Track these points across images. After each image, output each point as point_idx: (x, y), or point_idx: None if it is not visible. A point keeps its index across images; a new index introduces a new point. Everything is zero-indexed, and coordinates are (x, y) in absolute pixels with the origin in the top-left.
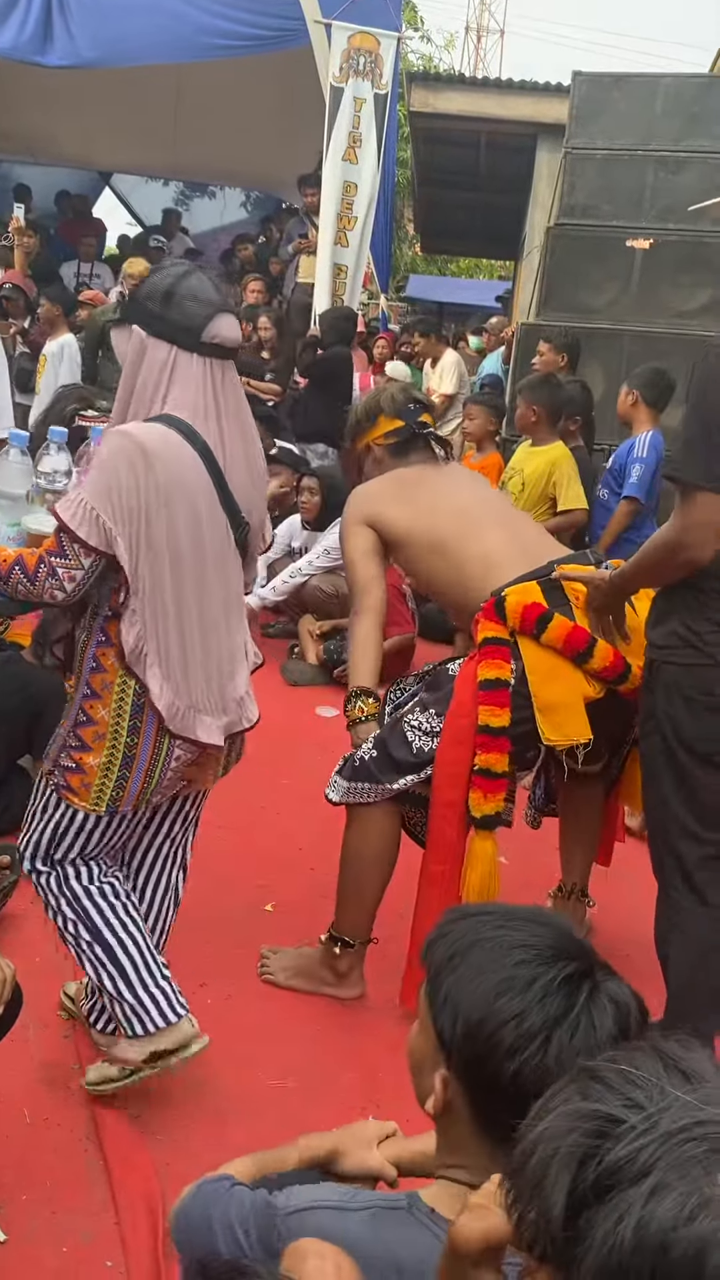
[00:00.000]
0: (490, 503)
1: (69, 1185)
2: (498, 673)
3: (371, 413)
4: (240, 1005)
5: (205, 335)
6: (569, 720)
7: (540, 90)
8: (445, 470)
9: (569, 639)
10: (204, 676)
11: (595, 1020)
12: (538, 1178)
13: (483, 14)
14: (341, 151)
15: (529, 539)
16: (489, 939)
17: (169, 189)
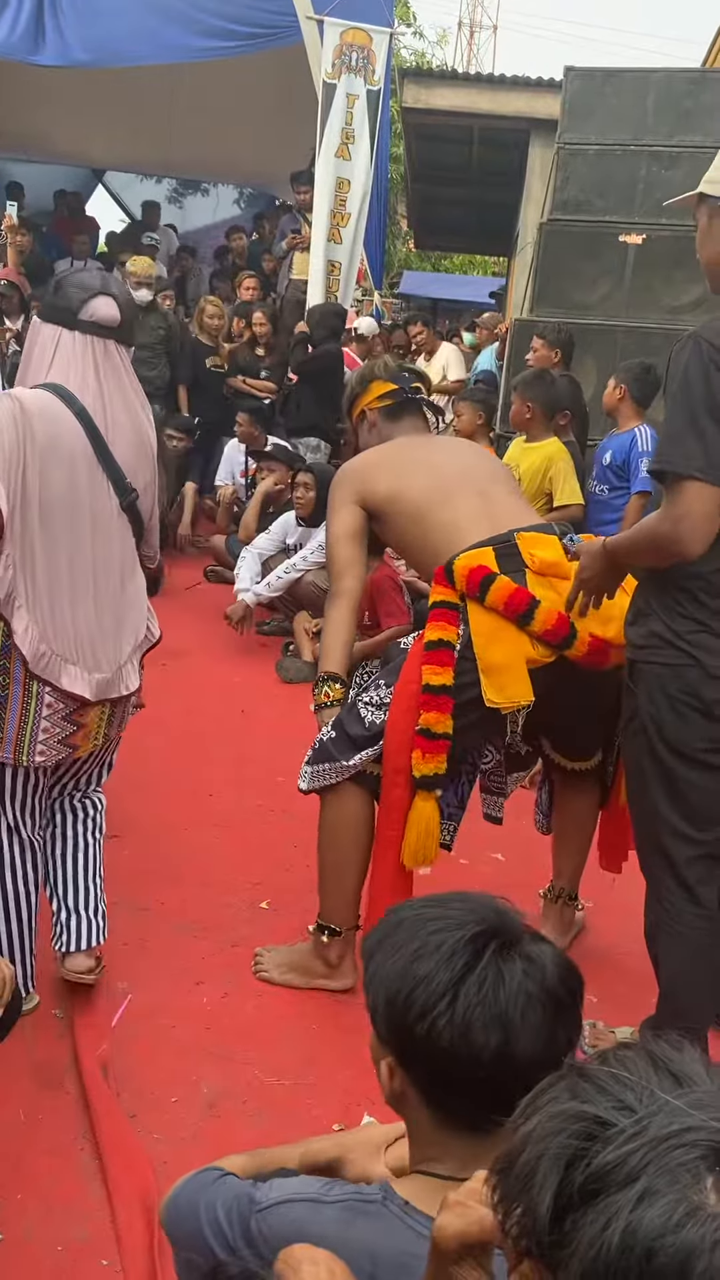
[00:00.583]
0: (471, 470)
1: (64, 1185)
2: (442, 634)
3: (365, 378)
4: (236, 1003)
5: (83, 314)
6: (511, 682)
7: (533, 85)
8: (434, 438)
9: (510, 600)
10: (73, 629)
11: (504, 973)
12: (525, 1177)
13: (475, 9)
14: (334, 148)
15: (502, 508)
16: (410, 918)
17: (162, 186)
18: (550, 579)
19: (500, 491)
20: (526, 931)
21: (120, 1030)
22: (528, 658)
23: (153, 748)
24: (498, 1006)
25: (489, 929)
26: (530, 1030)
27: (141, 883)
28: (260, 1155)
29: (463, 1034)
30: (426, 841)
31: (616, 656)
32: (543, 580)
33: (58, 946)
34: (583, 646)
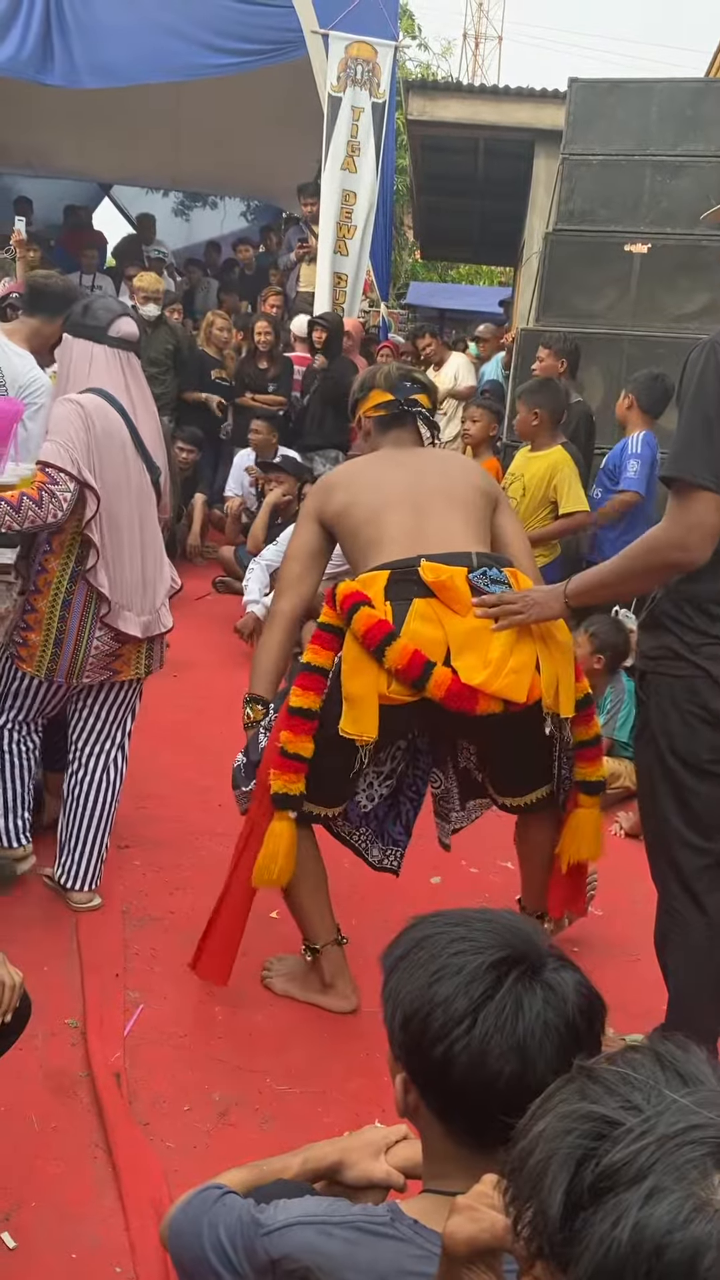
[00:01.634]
0: (418, 486)
1: (77, 1192)
2: (315, 658)
3: (366, 385)
4: (247, 1013)
5: (111, 331)
6: (362, 715)
7: (537, 97)
8: (415, 452)
9: (368, 631)
10: (130, 581)
11: (523, 1003)
12: (536, 1177)
13: (480, 20)
14: (340, 160)
15: (434, 528)
16: (433, 936)
17: (169, 199)
18: (439, 612)
19: (442, 510)
20: (551, 956)
21: (132, 1039)
22: (381, 693)
23: (162, 758)
24: (515, 1036)
25: (512, 955)
26: (547, 1059)
27: (152, 893)
28: (260, 1167)
29: (478, 1061)
30: (273, 862)
31: (487, 704)
32: (427, 613)
33: (62, 879)
34: (439, 689)
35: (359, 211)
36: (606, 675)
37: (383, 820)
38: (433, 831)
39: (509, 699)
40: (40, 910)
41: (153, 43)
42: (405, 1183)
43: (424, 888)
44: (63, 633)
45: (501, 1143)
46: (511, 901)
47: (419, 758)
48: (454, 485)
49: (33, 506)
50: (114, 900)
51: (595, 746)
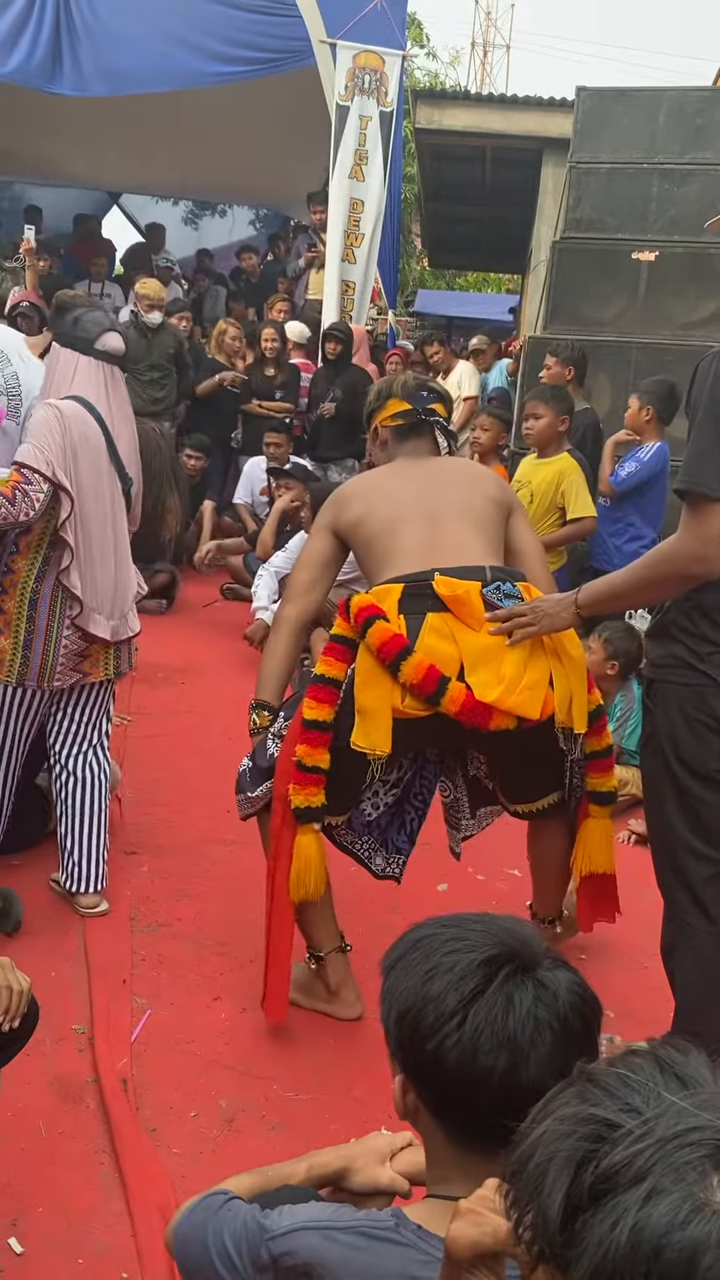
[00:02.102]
0: (432, 498)
1: (85, 1198)
2: (329, 670)
3: (382, 394)
4: (254, 1019)
5: (98, 344)
6: (374, 729)
7: (545, 105)
8: (431, 462)
9: (384, 645)
10: (100, 585)
11: (514, 999)
12: (536, 1180)
13: (488, 29)
14: (348, 169)
15: (448, 541)
16: (428, 938)
17: (178, 208)
18: (452, 627)
19: (456, 524)
20: (546, 956)
21: (139, 1045)
22: (395, 707)
23: (170, 765)
24: (506, 1031)
25: (504, 953)
26: (540, 1056)
27: (159, 899)
28: (265, 1173)
29: (470, 1056)
30: (307, 874)
31: (500, 720)
32: (441, 628)
33: (68, 885)
34: (453, 705)
35: (367, 220)
36: (619, 681)
37: (386, 828)
38: (440, 839)
39: (523, 716)
40: (47, 916)
41: (161, 51)
42: (410, 1189)
43: (430, 895)
44: (31, 634)
45: (501, 1145)
46: (518, 909)
47: (426, 767)
48: (469, 497)
49: (5, 505)
50: (121, 906)
51: (606, 757)
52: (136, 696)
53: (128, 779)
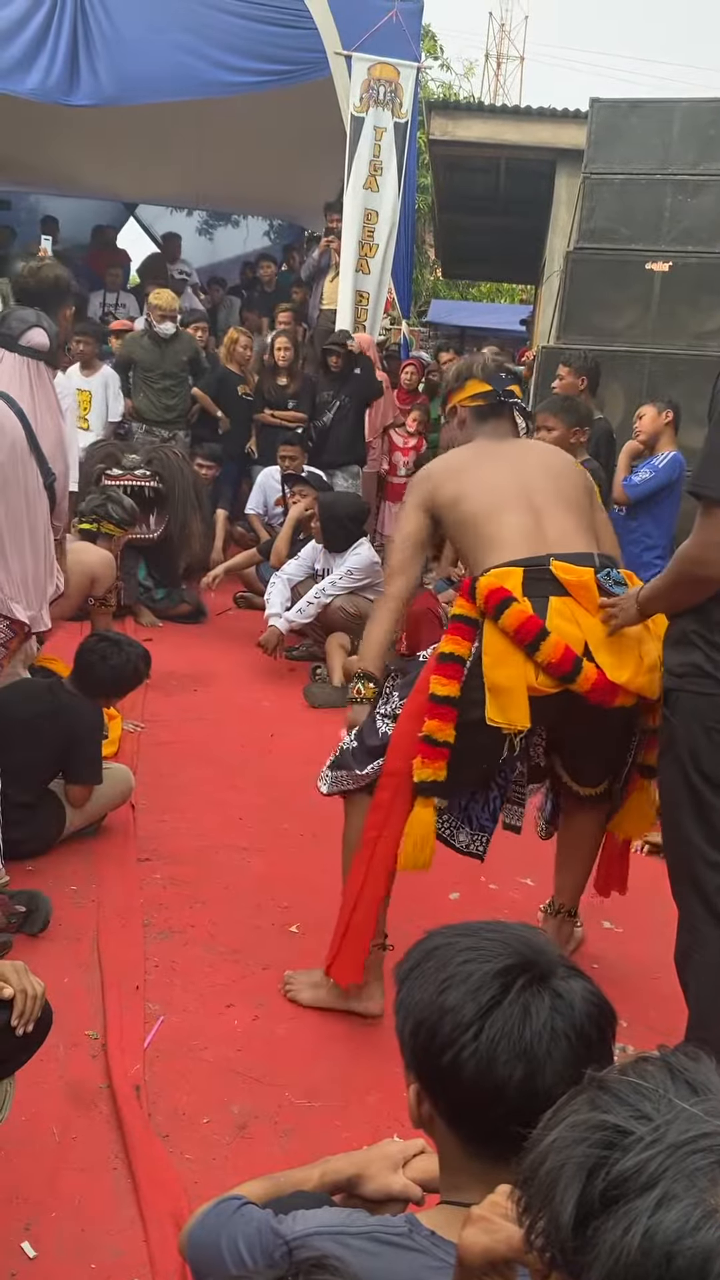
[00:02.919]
0: (531, 484)
1: (97, 1203)
2: (455, 648)
3: (462, 375)
4: (267, 1026)
5: (22, 341)
6: (511, 705)
7: (559, 116)
8: (515, 444)
9: (521, 628)
10: (19, 574)
11: (531, 1009)
12: (547, 1187)
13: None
14: (363, 180)
15: (554, 528)
16: (442, 947)
17: (193, 218)
18: (574, 610)
19: (556, 511)
20: (560, 965)
21: (152, 1051)
22: (530, 685)
23: (183, 772)
24: (523, 1042)
25: (520, 963)
26: (556, 1066)
27: (172, 906)
28: (278, 1179)
29: (486, 1067)
30: (422, 848)
31: (624, 699)
32: (564, 611)
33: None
34: (586, 683)
35: (381, 230)
36: None
37: (468, 805)
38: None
39: (645, 696)
40: (61, 921)
41: (177, 61)
42: (423, 1196)
43: (443, 903)
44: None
45: (515, 1153)
46: (531, 917)
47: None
48: (561, 485)
49: None
50: (134, 913)
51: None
52: (149, 704)
53: (140, 786)
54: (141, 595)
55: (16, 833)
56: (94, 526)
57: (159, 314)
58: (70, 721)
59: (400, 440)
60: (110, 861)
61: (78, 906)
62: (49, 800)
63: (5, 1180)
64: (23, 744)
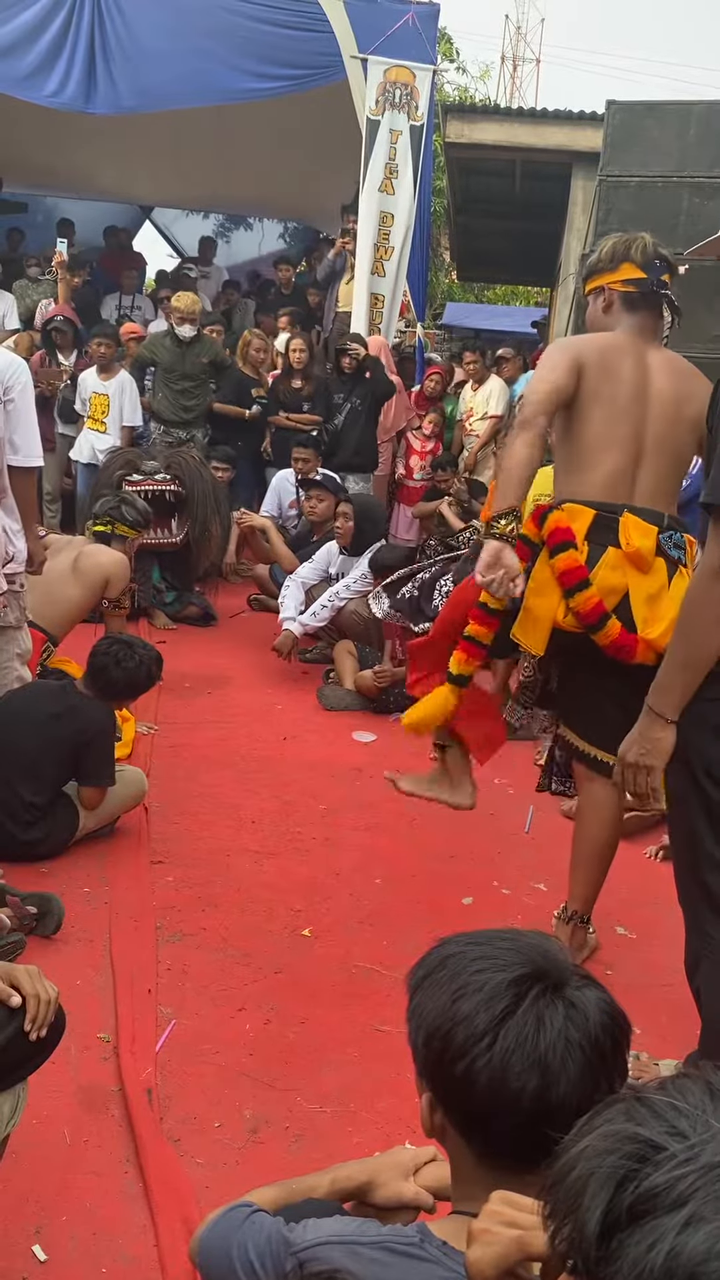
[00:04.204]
0: (648, 423)
1: (109, 1207)
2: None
3: (618, 256)
4: (278, 1030)
5: None
6: (533, 630)
7: (575, 119)
8: (656, 357)
9: (567, 573)
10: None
11: (545, 1019)
12: (575, 1194)
13: (518, 43)
14: (378, 183)
15: (643, 480)
16: (455, 955)
17: (209, 221)
18: (625, 564)
19: (656, 459)
20: (574, 975)
21: (164, 1055)
22: (556, 620)
23: (196, 775)
24: (537, 1052)
25: (534, 972)
26: (570, 1077)
27: (184, 909)
28: (289, 1185)
29: (500, 1077)
30: (433, 720)
31: (645, 655)
32: (618, 563)
33: None
34: (606, 638)
35: (396, 233)
36: None
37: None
38: (466, 851)
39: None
40: (74, 923)
41: (194, 67)
42: (435, 1204)
43: (455, 909)
44: None
45: (527, 1162)
46: (544, 923)
47: None
48: (676, 426)
49: None
50: (147, 915)
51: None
52: (163, 706)
53: (154, 789)
54: (153, 598)
55: (30, 834)
56: (108, 528)
57: (178, 316)
58: (82, 723)
59: (417, 444)
60: (123, 864)
61: (91, 909)
62: (62, 802)
63: (17, 1183)
64: (35, 745)
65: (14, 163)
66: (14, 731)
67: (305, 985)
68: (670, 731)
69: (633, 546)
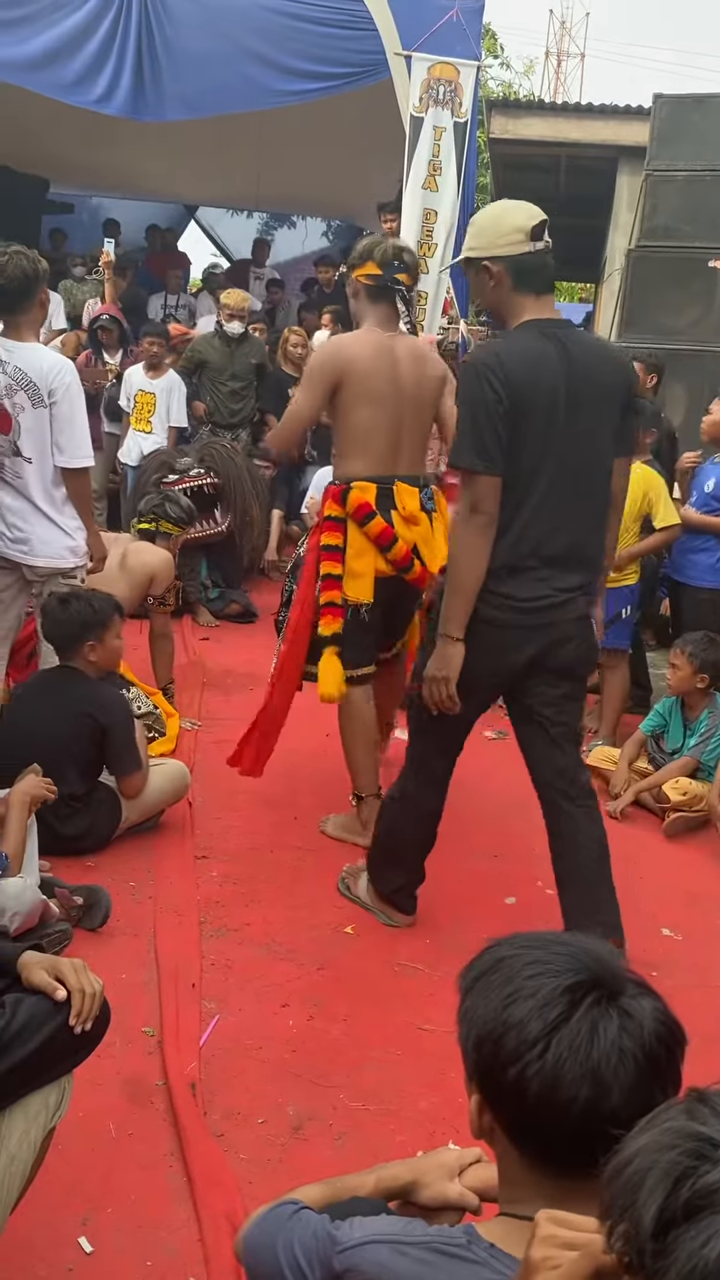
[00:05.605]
0: (402, 405)
1: (153, 1201)
2: (334, 540)
3: (365, 255)
4: (321, 1027)
5: None
6: (361, 585)
7: (620, 113)
8: (398, 342)
9: (380, 534)
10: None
11: (599, 1028)
12: (632, 1189)
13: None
14: (421, 180)
15: (405, 454)
16: (509, 959)
17: (253, 220)
18: (404, 521)
19: (410, 429)
20: (629, 983)
21: (208, 1049)
22: (378, 569)
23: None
24: (590, 1062)
25: (589, 979)
26: (623, 1086)
27: (228, 904)
28: (334, 1184)
29: (551, 1085)
30: (334, 683)
31: (428, 582)
32: (399, 523)
33: None
34: (414, 574)
35: (439, 230)
36: (707, 695)
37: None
38: (509, 850)
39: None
40: (120, 917)
41: (241, 73)
42: (480, 1205)
43: (498, 908)
44: None
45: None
46: None
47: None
48: (423, 394)
49: None
50: (191, 910)
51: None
52: (206, 702)
53: (197, 784)
54: (200, 594)
55: (71, 827)
56: (152, 526)
57: (228, 313)
58: (93, 705)
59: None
60: (168, 858)
61: (136, 902)
62: (101, 795)
63: (64, 1174)
64: (62, 734)
65: (61, 164)
66: (34, 724)
67: (348, 982)
68: (458, 648)
69: (408, 509)
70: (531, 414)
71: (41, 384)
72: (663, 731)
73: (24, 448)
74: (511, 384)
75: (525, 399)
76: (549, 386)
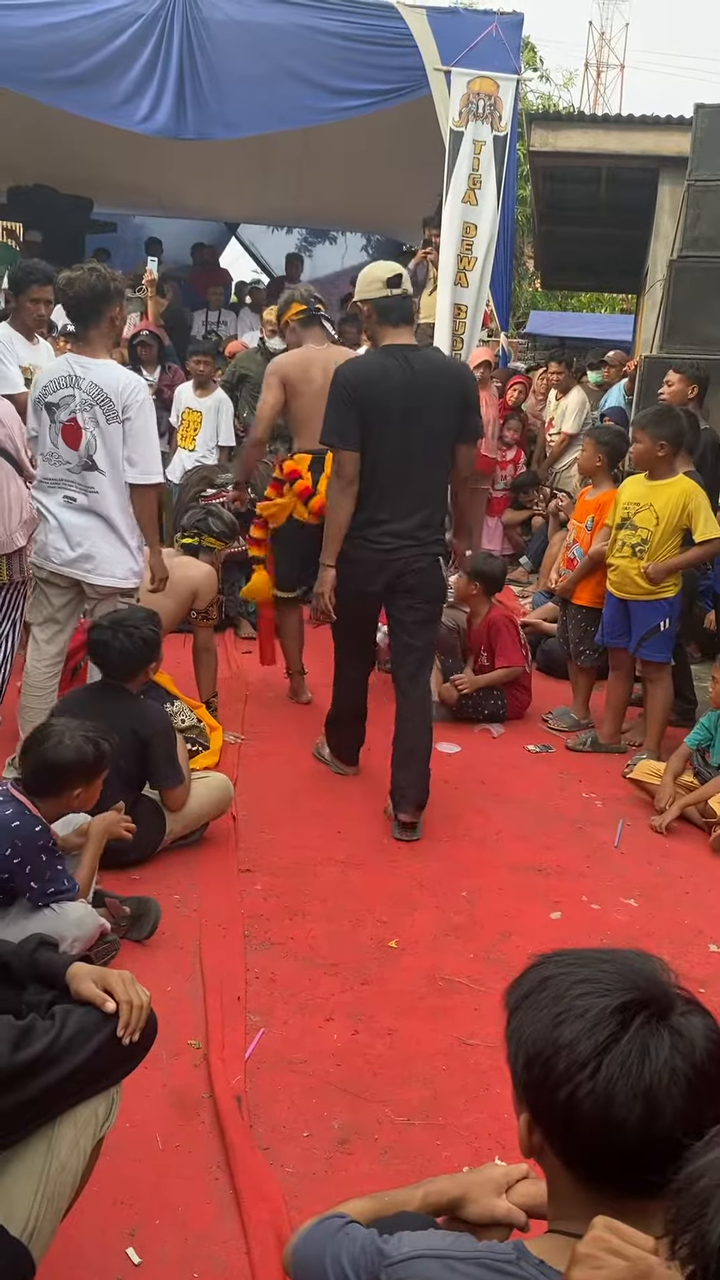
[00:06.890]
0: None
1: (200, 1212)
2: (274, 494)
3: (289, 300)
4: (366, 1041)
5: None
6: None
7: (662, 124)
8: (324, 352)
9: (301, 492)
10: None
11: (650, 1048)
12: (700, 1202)
13: (602, 49)
14: (461, 194)
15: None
16: (557, 976)
17: (292, 236)
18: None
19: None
20: (679, 1000)
21: (253, 1062)
22: (296, 515)
23: (282, 783)
24: (642, 1082)
25: (639, 998)
26: (676, 1107)
27: (272, 918)
28: (382, 1198)
29: (603, 1106)
30: (261, 587)
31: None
32: (322, 480)
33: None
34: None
35: (479, 243)
36: None
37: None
38: (555, 864)
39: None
40: (165, 930)
41: (282, 93)
42: (528, 1221)
43: (543, 923)
44: None
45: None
46: (636, 940)
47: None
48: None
49: None
50: (235, 924)
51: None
52: (249, 715)
53: (241, 797)
54: (240, 608)
55: (115, 841)
56: (195, 540)
57: (270, 329)
58: (140, 726)
59: (497, 455)
60: (212, 872)
61: (181, 915)
62: (145, 807)
63: (113, 1186)
64: None
65: (104, 184)
66: None
67: (392, 997)
68: (330, 573)
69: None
70: (376, 410)
71: (116, 400)
72: (708, 745)
73: (98, 462)
74: (358, 389)
75: (368, 399)
76: (389, 390)
